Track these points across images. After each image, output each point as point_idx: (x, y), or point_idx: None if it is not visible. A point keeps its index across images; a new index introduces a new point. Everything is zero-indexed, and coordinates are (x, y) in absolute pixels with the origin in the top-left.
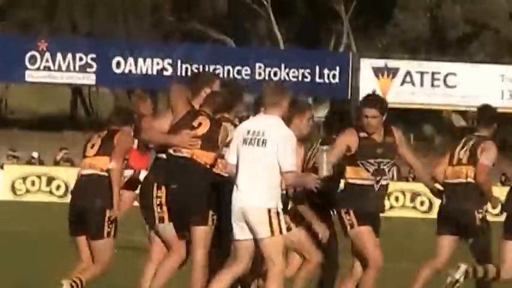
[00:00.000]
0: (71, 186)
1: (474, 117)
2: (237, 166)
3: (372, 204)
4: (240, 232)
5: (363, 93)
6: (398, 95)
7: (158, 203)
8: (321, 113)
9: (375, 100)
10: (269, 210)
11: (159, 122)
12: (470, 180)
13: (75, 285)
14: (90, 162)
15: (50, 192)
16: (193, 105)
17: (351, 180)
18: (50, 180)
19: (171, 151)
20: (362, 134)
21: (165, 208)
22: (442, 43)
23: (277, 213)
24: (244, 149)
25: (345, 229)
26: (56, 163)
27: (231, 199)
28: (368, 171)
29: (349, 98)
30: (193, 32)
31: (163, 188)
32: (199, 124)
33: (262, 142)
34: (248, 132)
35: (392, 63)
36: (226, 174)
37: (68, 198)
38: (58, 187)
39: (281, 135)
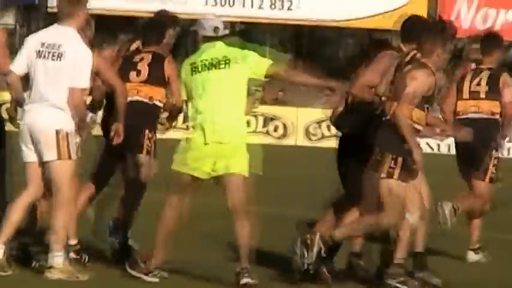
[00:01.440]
0: None
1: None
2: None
3: None
4: (31, 154)
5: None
6: (102, 1)
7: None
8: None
9: None
10: (57, 132)
11: None
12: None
13: None
14: None
15: None
16: None
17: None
18: None
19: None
20: None
21: None
22: None
23: (67, 134)
24: (39, 61)
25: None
26: None
27: None
28: None
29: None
30: None
31: None
32: None
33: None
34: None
35: None
36: None
37: None
38: None
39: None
